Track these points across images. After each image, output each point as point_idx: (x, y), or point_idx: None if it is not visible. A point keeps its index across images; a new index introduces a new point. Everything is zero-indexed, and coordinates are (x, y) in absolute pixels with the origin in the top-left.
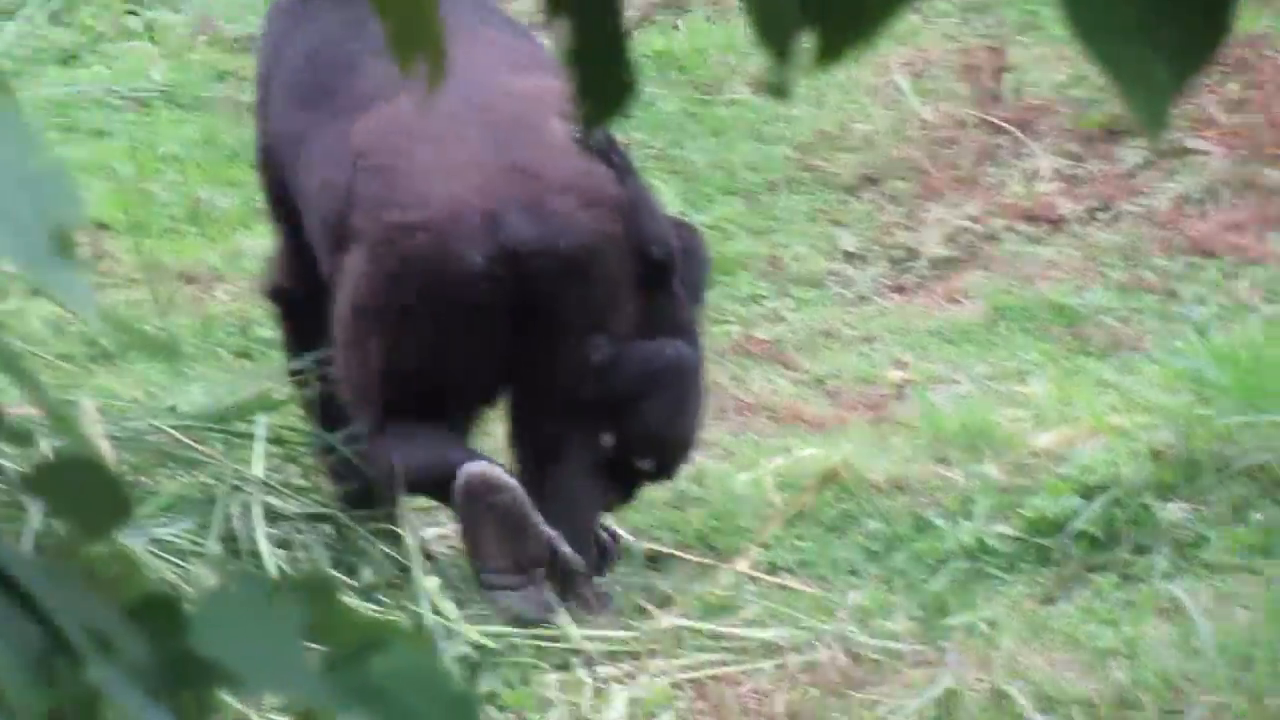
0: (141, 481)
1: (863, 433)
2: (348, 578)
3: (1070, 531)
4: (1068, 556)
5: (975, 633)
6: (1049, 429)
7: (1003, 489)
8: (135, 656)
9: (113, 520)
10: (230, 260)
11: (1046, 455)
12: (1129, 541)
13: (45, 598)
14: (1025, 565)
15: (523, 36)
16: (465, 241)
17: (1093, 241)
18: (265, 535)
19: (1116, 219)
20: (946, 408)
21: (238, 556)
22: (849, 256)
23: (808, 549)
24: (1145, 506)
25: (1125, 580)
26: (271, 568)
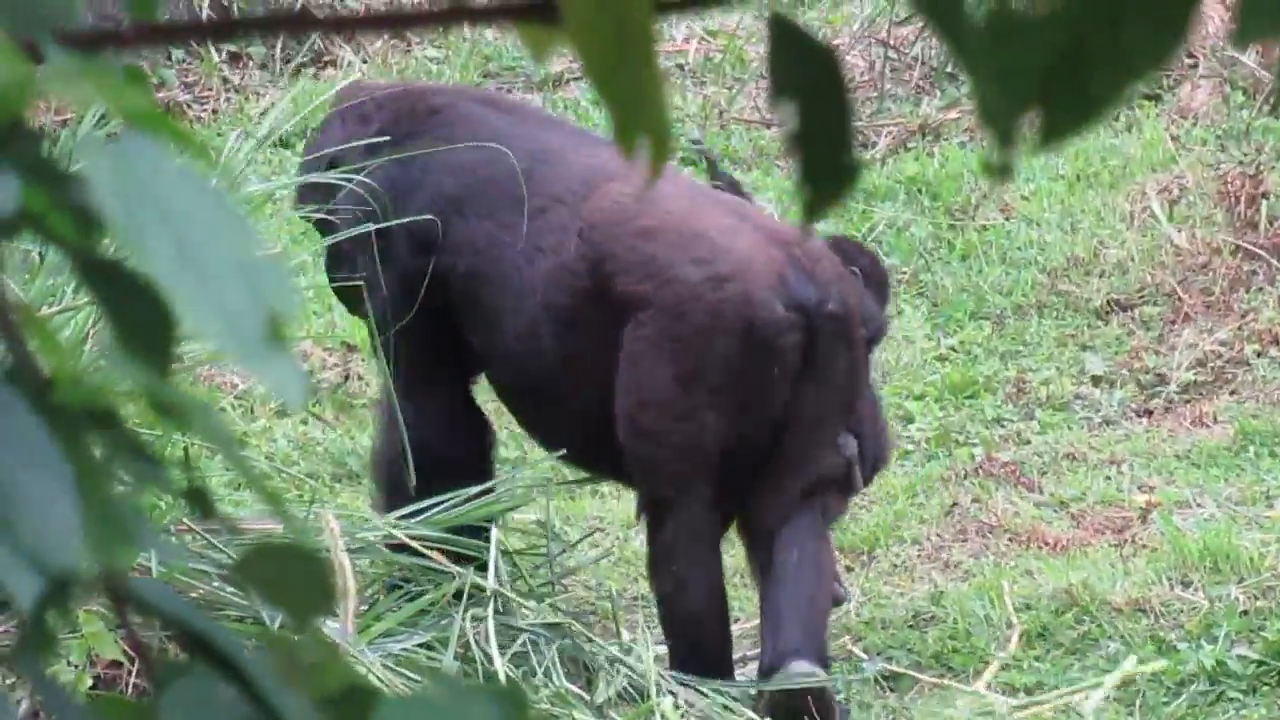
0: (377, 595)
1: (1105, 555)
2: (585, 692)
3: None
4: None
5: None
6: None
7: (1245, 612)
8: None
9: (318, 606)
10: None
11: None
12: None
13: (259, 679)
14: (1266, 688)
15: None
16: (768, 291)
17: None
18: (498, 648)
19: None
20: (1191, 531)
21: (472, 669)
22: (1096, 380)
23: (1046, 670)
24: None
25: None
26: (503, 680)
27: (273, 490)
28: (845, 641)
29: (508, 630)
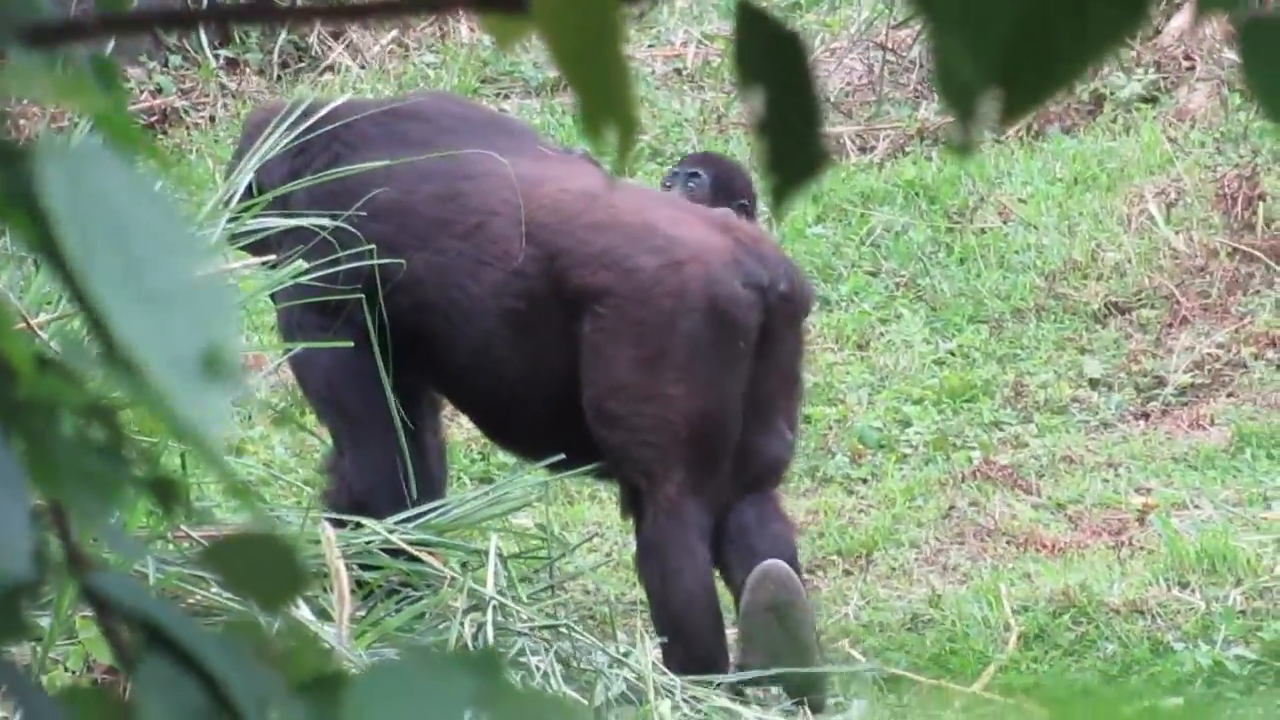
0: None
1: (1102, 557)
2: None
3: None
4: None
5: None
6: None
7: (1242, 613)
8: None
9: (287, 593)
10: None
11: None
12: None
13: (216, 665)
14: (1264, 688)
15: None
16: (727, 270)
17: None
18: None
19: None
20: (1188, 533)
21: None
22: (1094, 383)
23: (1044, 672)
24: None
25: None
26: None
27: (242, 487)
28: (844, 644)
29: (506, 634)
